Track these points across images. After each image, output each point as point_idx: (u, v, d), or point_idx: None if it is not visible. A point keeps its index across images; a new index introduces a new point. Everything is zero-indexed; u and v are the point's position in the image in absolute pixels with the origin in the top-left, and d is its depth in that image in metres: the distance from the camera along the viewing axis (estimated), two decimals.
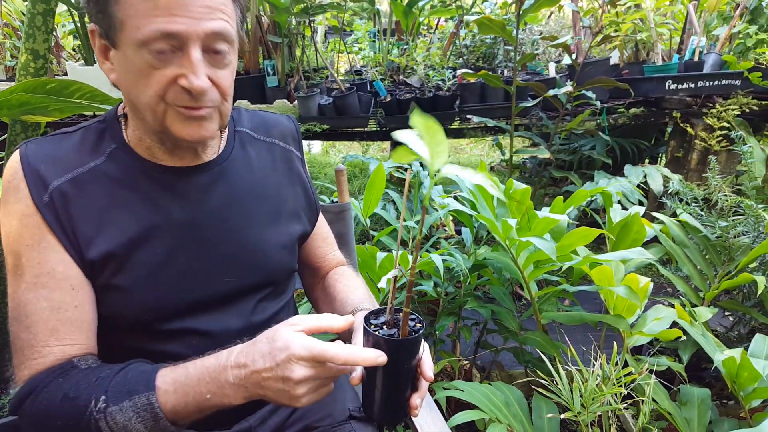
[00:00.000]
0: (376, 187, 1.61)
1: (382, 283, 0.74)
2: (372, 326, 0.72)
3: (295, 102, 2.63)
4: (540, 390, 1.22)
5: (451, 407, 1.71)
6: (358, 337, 0.78)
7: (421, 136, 0.65)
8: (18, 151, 0.79)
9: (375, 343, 0.70)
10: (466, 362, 1.80)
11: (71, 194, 0.77)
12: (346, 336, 0.87)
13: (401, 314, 0.71)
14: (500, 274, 1.66)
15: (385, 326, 0.73)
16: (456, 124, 2.59)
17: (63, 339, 0.74)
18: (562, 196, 1.45)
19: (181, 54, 0.71)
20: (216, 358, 0.71)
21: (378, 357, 0.68)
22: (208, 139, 0.81)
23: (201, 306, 0.84)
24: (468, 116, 2.47)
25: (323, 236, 1.09)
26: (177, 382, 0.70)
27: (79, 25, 2.49)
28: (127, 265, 0.79)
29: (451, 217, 2.05)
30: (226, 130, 0.92)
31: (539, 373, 1.20)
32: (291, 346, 0.66)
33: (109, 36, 0.72)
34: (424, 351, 0.76)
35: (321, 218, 1.08)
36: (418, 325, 0.73)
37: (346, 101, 2.50)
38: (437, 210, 1.91)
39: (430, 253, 1.45)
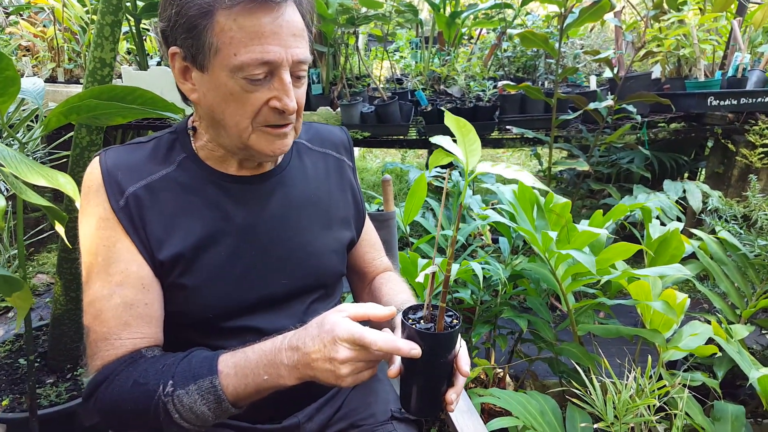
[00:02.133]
0: (417, 196, 1.67)
1: (420, 278, 0.79)
2: (410, 320, 0.75)
3: (338, 110, 2.71)
4: (574, 400, 1.25)
5: (484, 415, 1.74)
6: (398, 333, 0.82)
7: (456, 135, 0.71)
8: (98, 158, 0.87)
9: (411, 336, 0.73)
10: (500, 370, 1.84)
11: (145, 199, 0.84)
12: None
13: (437, 320, 0.75)
14: (537, 284, 1.69)
15: (422, 321, 0.76)
16: (495, 135, 2.63)
17: (134, 332, 0.81)
18: (601, 210, 1.48)
19: (272, 78, 0.78)
20: (272, 342, 0.77)
21: (412, 349, 0.71)
22: (284, 151, 0.88)
23: (259, 305, 0.91)
24: (507, 127, 2.51)
25: (371, 242, 1.14)
26: (237, 365, 0.76)
27: (134, 30, 2.61)
28: (194, 266, 0.85)
29: (488, 227, 2.09)
30: None
31: (573, 383, 1.24)
32: (336, 329, 0.72)
33: (196, 59, 0.78)
34: (461, 347, 0.79)
35: (369, 225, 1.14)
36: (454, 321, 0.76)
37: (387, 110, 2.57)
38: (475, 219, 1.96)
39: (469, 261, 1.50)
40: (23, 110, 1.82)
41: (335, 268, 1.01)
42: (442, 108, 2.56)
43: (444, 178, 2.22)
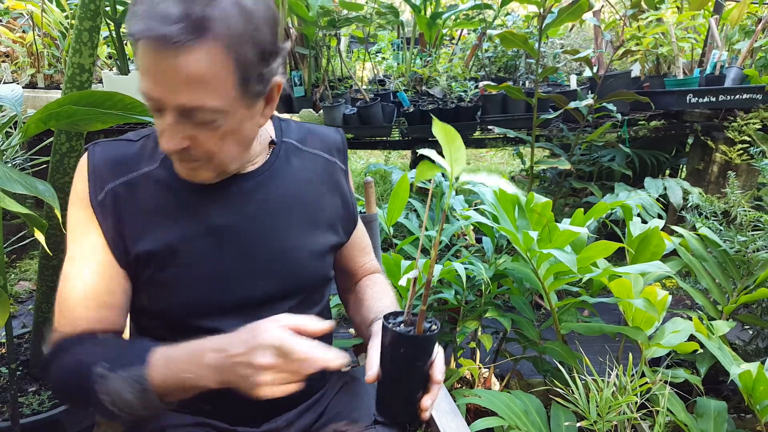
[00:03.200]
0: (399, 197, 1.66)
1: (402, 282, 0.79)
2: (390, 323, 0.75)
3: (321, 111, 2.70)
4: (558, 399, 1.25)
5: (470, 414, 1.75)
6: (376, 341, 0.82)
7: (441, 143, 0.71)
8: (87, 151, 0.88)
9: (392, 339, 0.73)
10: (486, 370, 1.84)
11: (123, 196, 0.86)
12: (365, 340, 0.94)
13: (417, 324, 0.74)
14: (520, 284, 1.70)
15: (402, 325, 0.75)
16: (477, 135, 2.64)
17: (93, 316, 0.84)
18: (582, 209, 1.49)
19: (162, 114, 0.76)
20: (202, 341, 0.75)
21: (339, 359, 0.71)
22: (211, 180, 0.85)
23: (235, 308, 0.89)
24: (489, 127, 2.52)
25: (361, 245, 1.12)
26: (168, 359, 0.75)
27: (114, 34, 2.58)
28: (169, 264, 0.86)
29: (472, 227, 2.10)
30: (270, 141, 0.96)
31: (556, 382, 1.24)
32: (263, 334, 0.70)
33: None
34: (437, 354, 0.79)
35: (359, 227, 1.11)
36: (433, 327, 0.76)
37: (370, 111, 2.56)
38: (459, 220, 1.96)
39: (452, 262, 1.50)
40: (1, 116, 1.78)
41: (317, 273, 0.98)
42: (424, 109, 2.56)
43: (428, 180, 2.21)
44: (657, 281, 1.62)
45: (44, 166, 1.73)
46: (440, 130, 0.70)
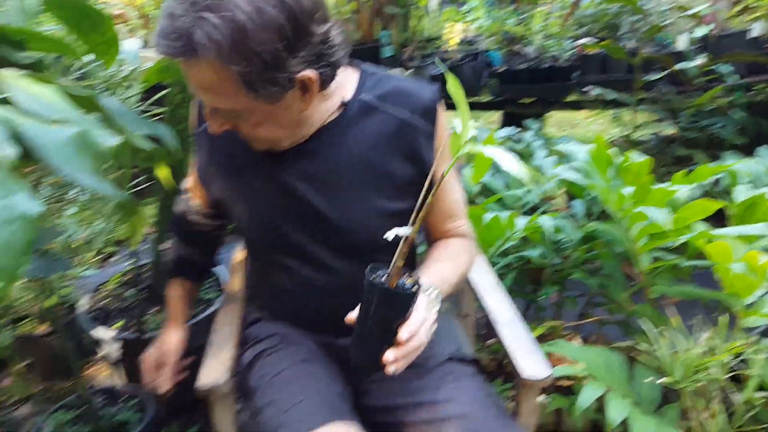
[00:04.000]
0: (483, 156, 1.66)
1: (389, 235, 0.72)
2: (372, 273, 0.74)
3: (409, 72, 2.72)
4: (641, 357, 1.25)
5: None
6: None
7: (456, 105, 0.68)
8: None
9: (366, 285, 0.73)
10: (568, 333, 1.83)
11: (208, 138, 0.97)
12: None
13: (411, 277, 0.76)
14: (610, 248, 1.65)
15: (386, 277, 0.74)
16: (572, 97, 2.55)
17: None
18: (684, 171, 1.43)
19: None
20: None
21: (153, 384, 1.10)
22: (265, 149, 0.94)
23: (295, 256, 1.00)
24: (586, 89, 2.43)
25: (445, 211, 1.06)
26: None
27: None
28: (233, 211, 1.02)
29: (563, 190, 2.06)
30: (342, 99, 0.94)
31: (642, 342, 1.23)
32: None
33: None
34: (412, 314, 0.77)
35: (447, 193, 1.05)
36: (414, 287, 0.75)
37: (460, 70, 2.55)
38: (547, 183, 1.93)
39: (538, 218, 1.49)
40: (120, 70, 1.97)
41: (375, 237, 0.89)
42: (516, 69, 2.52)
43: (517, 141, 2.19)
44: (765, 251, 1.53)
45: (158, 117, 1.90)
46: (453, 84, 0.66)
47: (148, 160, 1.20)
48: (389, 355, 0.76)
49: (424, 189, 0.73)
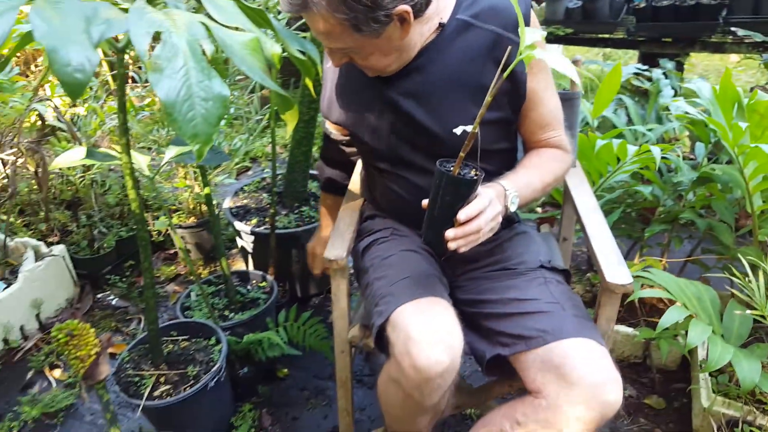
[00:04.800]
0: (608, 89, 1.67)
1: (458, 131, 0.86)
2: (440, 163, 0.88)
3: (543, 4, 2.69)
4: (735, 292, 1.27)
5: (645, 308, 1.81)
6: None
7: (518, 18, 0.74)
8: None
9: (437, 173, 0.87)
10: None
11: (332, 72, 1.19)
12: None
13: (475, 170, 0.89)
14: (726, 190, 1.63)
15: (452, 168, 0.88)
16: (717, 38, 2.39)
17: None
18: None
19: None
20: None
21: None
22: (377, 75, 1.08)
23: (403, 166, 1.15)
24: (732, 29, 2.27)
25: (540, 121, 1.13)
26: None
27: None
28: (354, 129, 1.18)
29: (686, 132, 2.01)
30: (439, 20, 1.04)
31: (737, 275, 1.25)
32: None
33: None
34: (473, 200, 0.89)
35: (540, 104, 1.11)
36: (475, 176, 0.87)
37: (596, 5, 2.48)
38: (671, 121, 1.90)
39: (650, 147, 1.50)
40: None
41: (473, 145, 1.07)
42: (658, 5, 2.39)
43: (648, 78, 2.13)
44: None
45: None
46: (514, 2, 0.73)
47: (301, 68, 1.39)
48: (449, 233, 0.89)
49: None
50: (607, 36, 2.58)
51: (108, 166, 2.30)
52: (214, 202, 2.29)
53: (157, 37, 0.85)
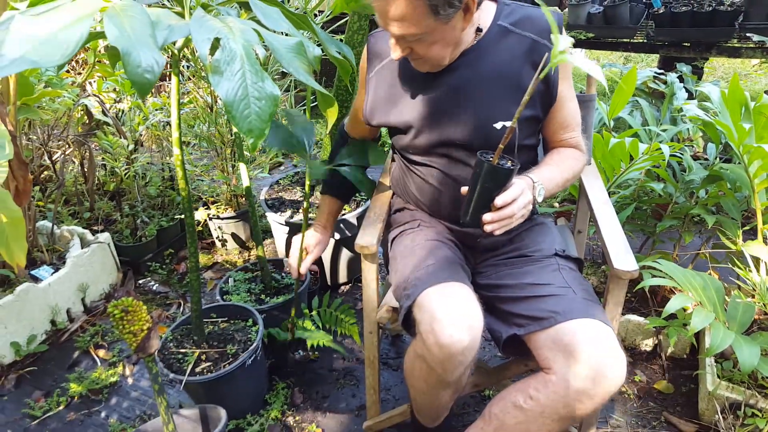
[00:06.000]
0: (624, 91, 1.77)
1: (498, 125, 0.99)
2: (480, 154, 0.99)
3: (566, 9, 2.77)
4: (739, 283, 1.35)
5: (656, 297, 1.89)
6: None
7: (550, 25, 0.82)
8: (368, 39, 1.33)
9: (477, 161, 0.99)
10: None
11: (384, 71, 1.27)
12: None
13: (511, 161, 1.00)
14: (734, 188, 1.71)
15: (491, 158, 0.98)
16: (733, 42, 2.45)
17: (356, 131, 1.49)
18: None
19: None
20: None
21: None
22: (431, 70, 1.18)
23: (440, 153, 1.24)
24: (748, 34, 2.33)
25: (562, 122, 1.26)
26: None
27: None
28: (395, 122, 1.27)
29: (699, 134, 2.08)
30: (478, 26, 1.17)
31: (739, 266, 1.33)
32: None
33: None
34: (509, 188, 1.01)
35: (567, 107, 1.25)
36: (511, 166, 0.99)
37: (617, 11, 2.56)
38: (685, 122, 1.98)
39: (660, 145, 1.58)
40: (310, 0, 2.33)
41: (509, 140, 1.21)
42: (677, 11, 2.47)
43: (663, 82, 2.21)
44: None
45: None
46: (545, 11, 0.82)
47: (339, 68, 1.51)
48: (487, 216, 1.02)
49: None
50: (627, 40, 2.65)
51: (149, 160, 2.45)
52: None
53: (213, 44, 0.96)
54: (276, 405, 1.61)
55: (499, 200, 1.01)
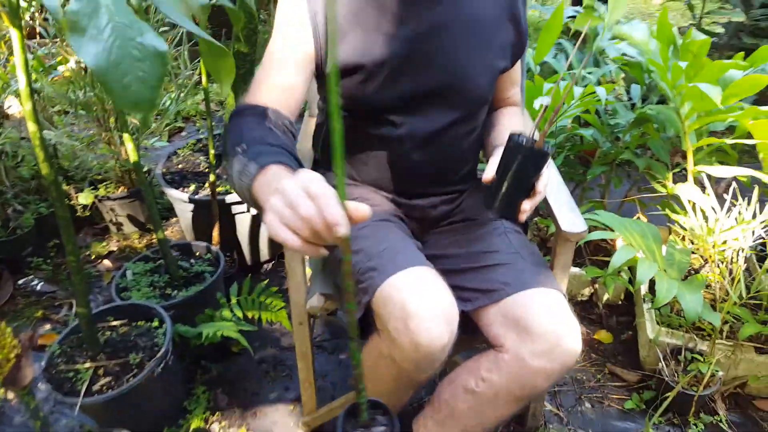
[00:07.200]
0: (550, 33, 1.65)
1: (536, 105, 0.88)
2: (516, 137, 0.88)
3: None
4: (675, 228, 1.32)
5: (590, 247, 1.87)
6: (497, 153, 0.94)
7: None
8: None
9: (513, 145, 0.87)
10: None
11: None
12: None
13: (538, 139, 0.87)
14: (662, 129, 1.67)
15: (524, 141, 0.88)
16: None
17: (273, 92, 0.95)
18: (743, 53, 1.41)
19: None
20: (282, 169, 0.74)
21: (353, 212, 0.54)
22: None
23: (402, 105, 1.02)
24: None
25: (513, 77, 1.17)
26: (267, 173, 0.73)
27: None
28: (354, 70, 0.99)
29: (622, 75, 2.04)
30: None
31: (677, 212, 1.30)
32: (304, 174, 0.59)
33: None
34: (546, 171, 0.90)
35: (520, 61, 1.17)
36: (547, 148, 0.87)
37: None
38: (609, 64, 1.93)
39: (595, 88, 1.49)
40: None
41: (480, 91, 1.06)
42: None
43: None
44: None
45: None
46: None
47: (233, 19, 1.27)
48: (526, 205, 0.91)
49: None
50: None
51: (19, 135, 2.08)
52: (145, 168, 2.13)
53: None
54: (197, 411, 1.42)
55: (541, 185, 0.91)
